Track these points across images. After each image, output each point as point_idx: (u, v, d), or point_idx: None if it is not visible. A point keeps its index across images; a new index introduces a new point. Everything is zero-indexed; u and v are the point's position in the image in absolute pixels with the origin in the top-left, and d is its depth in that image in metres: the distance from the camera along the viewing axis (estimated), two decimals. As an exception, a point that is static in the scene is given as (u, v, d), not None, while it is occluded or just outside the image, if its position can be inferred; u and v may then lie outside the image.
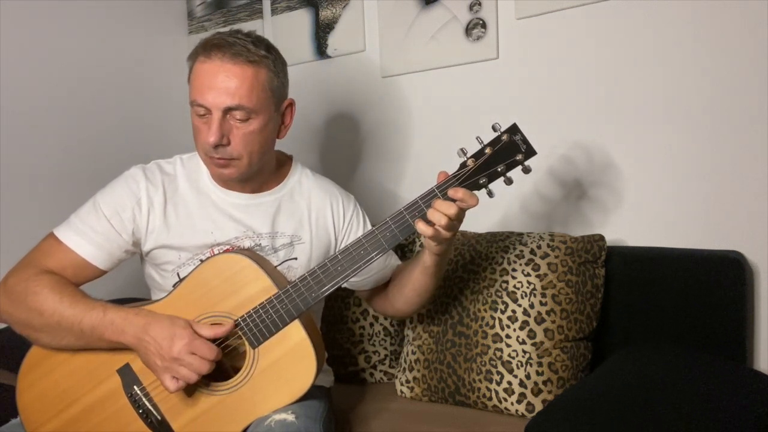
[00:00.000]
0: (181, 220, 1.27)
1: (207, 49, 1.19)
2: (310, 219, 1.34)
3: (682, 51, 1.45)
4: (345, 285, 1.25)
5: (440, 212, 1.12)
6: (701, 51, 1.43)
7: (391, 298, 1.40)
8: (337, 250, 1.38)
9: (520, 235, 1.48)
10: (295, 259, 1.31)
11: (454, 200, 1.13)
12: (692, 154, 1.46)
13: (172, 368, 1.11)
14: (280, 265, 1.29)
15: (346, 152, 2.01)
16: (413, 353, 1.51)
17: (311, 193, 1.36)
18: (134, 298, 1.60)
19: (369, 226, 1.41)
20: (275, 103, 1.24)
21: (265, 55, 1.21)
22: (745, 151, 1.40)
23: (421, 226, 1.14)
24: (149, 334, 1.12)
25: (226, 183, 1.29)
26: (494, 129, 1.14)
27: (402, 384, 1.52)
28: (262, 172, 1.30)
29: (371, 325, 1.65)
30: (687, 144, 1.46)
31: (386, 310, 1.44)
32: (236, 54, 1.17)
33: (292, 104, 1.31)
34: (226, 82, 1.17)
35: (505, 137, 1.14)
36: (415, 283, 1.31)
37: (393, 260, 1.42)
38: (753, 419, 1.05)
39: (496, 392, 1.37)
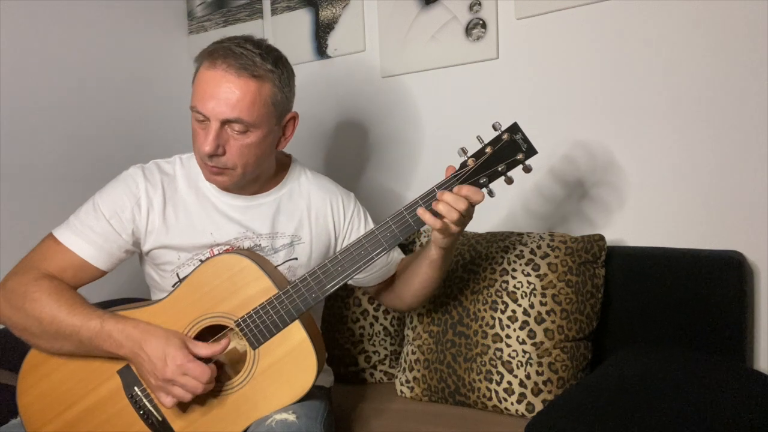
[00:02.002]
0: (181, 221, 1.26)
1: (213, 56, 1.17)
2: (309, 219, 1.34)
3: (682, 51, 1.45)
4: (350, 282, 1.25)
5: (450, 206, 1.12)
6: (701, 51, 1.43)
7: (398, 292, 1.40)
8: (337, 249, 1.38)
9: (520, 235, 1.48)
10: (296, 259, 1.31)
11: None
12: (693, 154, 1.46)
13: (166, 388, 1.11)
14: (280, 265, 1.29)
15: (346, 152, 2.01)
16: (413, 353, 1.51)
17: (311, 192, 1.36)
18: (134, 298, 1.61)
19: (371, 224, 1.40)
20: (277, 117, 1.23)
21: (271, 70, 1.18)
22: (745, 151, 1.40)
23: (428, 218, 1.14)
24: (144, 350, 1.11)
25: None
26: (494, 128, 1.14)
27: (402, 384, 1.52)
28: (258, 178, 1.29)
29: (371, 325, 1.65)
30: (687, 144, 1.46)
31: (394, 304, 1.44)
32: (242, 67, 1.15)
33: (294, 117, 1.29)
34: (228, 94, 1.15)
35: (505, 136, 1.14)
36: (423, 277, 1.31)
37: (396, 255, 1.42)
38: (753, 419, 1.05)
39: (496, 392, 1.37)
